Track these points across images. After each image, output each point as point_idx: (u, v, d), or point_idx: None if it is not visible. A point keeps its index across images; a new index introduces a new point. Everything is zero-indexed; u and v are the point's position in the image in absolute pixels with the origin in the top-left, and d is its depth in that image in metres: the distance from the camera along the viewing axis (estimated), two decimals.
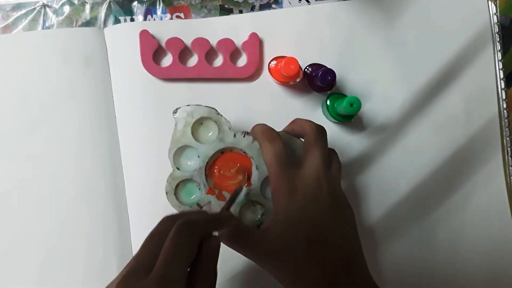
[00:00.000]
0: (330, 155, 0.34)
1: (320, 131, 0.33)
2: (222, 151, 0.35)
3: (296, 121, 0.35)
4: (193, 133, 0.34)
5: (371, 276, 0.31)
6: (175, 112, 0.35)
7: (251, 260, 0.31)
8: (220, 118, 0.35)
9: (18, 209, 0.41)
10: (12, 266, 0.41)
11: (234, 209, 0.34)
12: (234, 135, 0.34)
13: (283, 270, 0.30)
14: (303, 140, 0.35)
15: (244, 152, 0.35)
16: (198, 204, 0.34)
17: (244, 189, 0.35)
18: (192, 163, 0.35)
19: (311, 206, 0.30)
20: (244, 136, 0.35)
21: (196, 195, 0.35)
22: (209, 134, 0.35)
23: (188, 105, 0.35)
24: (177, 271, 0.24)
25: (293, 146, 0.35)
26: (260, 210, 0.35)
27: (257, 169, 0.35)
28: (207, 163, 0.35)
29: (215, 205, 0.35)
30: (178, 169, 0.35)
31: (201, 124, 0.35)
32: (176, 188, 0.35)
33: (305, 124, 0.34)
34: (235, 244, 0.31)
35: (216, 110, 0.35)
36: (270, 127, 0.34)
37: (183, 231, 0.25)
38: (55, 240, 0.41)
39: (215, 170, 0.35)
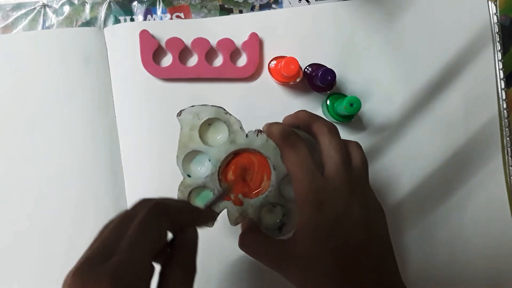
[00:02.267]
0: (351, 150, 0.31)
1: (332, 131, 0.30)
2: (235, 153, 0.32)
3: (300, 116, 0.33)
4: (201, 136, 0.32)
5: (404, 284, 0.29)
6: (179, 114, 0.32)
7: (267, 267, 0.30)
8: (230, 118, 0.32)
9: (18, 209, 0.41)
10: (11, 266, 0.41)
11: (253, 212, 0.32)
12: (246, 135, 0.32)
13: (309, 285, 0.27)
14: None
15: (259, 152, 0.32)
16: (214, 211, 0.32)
17: (265, 193, 0.32)
18: (203, 169, 0.33)
19: (342, 221, 0.27)
20: (257, 135, 0.32)
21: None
22: (219, 136, 0.33)
23: (193, 105, 0.32)
24: (140, 259, 0.21)
25: (311, 144, 0.32)
26: (280, 211, 0.33)
27: (274, 169, 0.32)
28: (219, 167, 0.32)
29: (232, 211, 0.32)
30: (189, 176, 0.32)
31: (209, 125, 0.32)
32: (189, 196, 0.32)
33: (314, 124, 0.31)
34: (253, 252, 0.30)
35: (224, 109, 0.32)
36: (290, 129, 0.31)
37: (153, 214, 0.23)
38: (55, 240, 0.41)
39: (229, 174, 0.33)
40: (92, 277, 0.20)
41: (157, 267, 0.24)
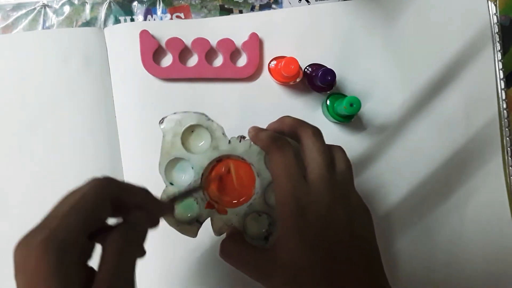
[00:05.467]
0: (334, 154, 0.30)
1: (316, 134, 0.30)
2: (218, 160, 0.32)
3: (285, 121, 0.32)
4: (183, 143, 0.31)
5: (389, 284, 0.28)
6: (161, 122, 0.31)
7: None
8: (212, 124, 0.31)
9: (18, 209, 0.41)
10: (10, 267, 0.41)
11: (238, 222, 0.31)
12: (229, 141, 0.31)
13: None
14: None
15: (242, 158, 0.32)
16: (197, 221, 0.31)
17: (248, 202, 0.31)
18: (186, 176, 0.32)
19: (325, 226, 0.27)
20: (240, 141, 0.31)
21: (194, 210, 0.32)
22: (202, 143, 0.32)
23: (175, 113, 0.31)
24: (72, 227, 0.21)
25: (297, 151, 0.31)
26: (266, 220, 0.32)
27: (258, 176, 0.31)
28: (202, 174, 0.31)
29: (216, 220, 0.31)
30: (171, 184, 0.32)
31: (192, 132, 0.32)
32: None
33: (298, 128, 0.30)
34: (234, 261, 0.29)
35: (206, 116, 0.31)
36: (278, 134, 0.31)
37: (97, 188, 0.23)
38: None
39: (212, 182, 0.32)
40: (28, 244, 0.21)
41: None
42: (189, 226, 0.31)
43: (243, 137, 0.32)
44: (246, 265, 0.29)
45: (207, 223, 0.31)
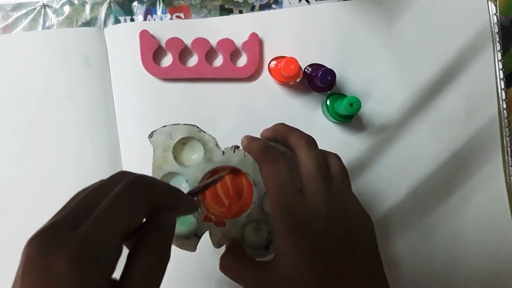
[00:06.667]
0: (330, 162, 0.29)
1: (310, 143, 0.29)
2: (212, 172, 0.31)
3: (278, 129, 0.31)
4: (176, 157, 0.30)
5: None
6: (150, 136, 0.30)
7: None
8: (204, 136, 0.30)
9: (18, 209, 0.41)
10: (11, 268, 0.41)
11: (237, 232, 0.30)
12: (223, 152, 0.30)
13: None
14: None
15: (237, 169, 0.31)
16: (195, 235, 0.30)
17: (247, 211, 0.31)
18: None
19: (323, 241, 0.26)
20: (234, 151, 0.30)
21: (192, 224, 0.31)
22: (195, 156, 0.31)
23: (165, 125, 0.30)
24: (109, 234, 0.19)
25: (290, 160, 0.30)
26: (265, 228, 0.31)
27: (254, 185, 0.30)
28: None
29: (214, 233, 0.31)
30: None
31: (184, 144, 0.31)
32: None
33: (291, 137, 0.29)
34: (234, 277, 0.28)
35: (198, 127, 0.30)
36: (270, 145, 0.29)
37: (132, 188, 0.21)
38: None
39: (209, 194, 0.31)
40: (53, 245, 0.18)
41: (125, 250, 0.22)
42: (187, 241, 0.30)
43: (237, 147, 0.31)
44: (245, 280, 0.28)
45: (206, 235, 0.31)
